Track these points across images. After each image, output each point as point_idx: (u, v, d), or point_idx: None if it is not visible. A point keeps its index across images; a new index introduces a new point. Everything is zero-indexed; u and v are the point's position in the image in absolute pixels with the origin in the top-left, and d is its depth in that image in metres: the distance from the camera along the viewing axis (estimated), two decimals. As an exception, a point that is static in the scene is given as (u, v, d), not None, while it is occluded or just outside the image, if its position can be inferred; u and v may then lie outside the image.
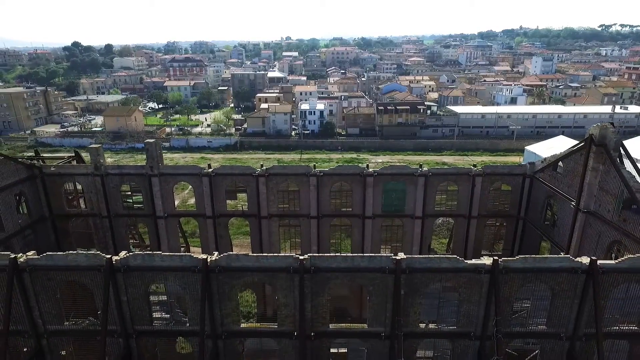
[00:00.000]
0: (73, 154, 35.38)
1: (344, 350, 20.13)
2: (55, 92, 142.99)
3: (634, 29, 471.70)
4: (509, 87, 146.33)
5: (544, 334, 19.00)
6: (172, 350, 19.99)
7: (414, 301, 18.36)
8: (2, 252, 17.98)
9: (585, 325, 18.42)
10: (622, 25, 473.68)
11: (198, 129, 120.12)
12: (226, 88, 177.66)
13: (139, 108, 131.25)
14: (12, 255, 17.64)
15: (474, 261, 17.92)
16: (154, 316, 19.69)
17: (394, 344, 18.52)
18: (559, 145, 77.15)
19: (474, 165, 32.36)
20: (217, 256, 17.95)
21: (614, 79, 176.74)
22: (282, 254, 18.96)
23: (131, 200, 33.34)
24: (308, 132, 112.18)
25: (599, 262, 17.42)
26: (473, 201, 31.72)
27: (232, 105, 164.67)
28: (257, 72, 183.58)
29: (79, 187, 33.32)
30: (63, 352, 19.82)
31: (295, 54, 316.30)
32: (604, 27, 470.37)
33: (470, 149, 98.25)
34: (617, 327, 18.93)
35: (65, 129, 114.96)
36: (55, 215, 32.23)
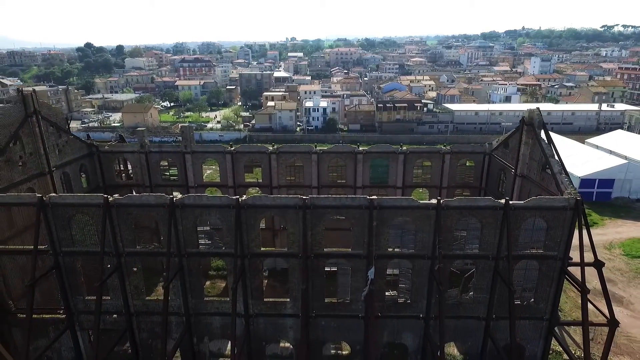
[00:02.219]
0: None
1: (335, 269, 27.88)
2: (75, 91, 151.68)
3: (637, 29, 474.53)
4: (504, 87, 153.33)
5: (476, 255, 26.59)
6: (209, 267, 27.82)
7: (383, 231, 26.02)
8: (98, 194, 25.91)
9: (505, 249, 25.93)
10: (624, 26, 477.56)
11: (209, 126, 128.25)
12: (234, 87, 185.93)
13: (153, 106, 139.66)
14: (105, 196, 25.53)
15: (424, 201, 25.59)
16: (200, 242, 27.53)
17: (370, 262, 26.21)
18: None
19: (444, 145, 39.93)
20: (245, 197, 25.76)
21: (609, 78, 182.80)
22: (291, 196, 26.58)
23: (168, 174, 41.26)
24: (312, 127, 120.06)
25: (510, 202, 25.00)
26: (443, 175, 39.34)
27: (239, 103, 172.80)
28: (264, 72, 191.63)
29: (126, 163, 41.28)
30: (135, 269, 27.70)
31: (300, 54, 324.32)
32: (606, 28, 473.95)
33: (463, 144, 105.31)
34: (529, 251, 26.48)
35: (86, 125, 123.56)
36: (107, 185, 40.15)
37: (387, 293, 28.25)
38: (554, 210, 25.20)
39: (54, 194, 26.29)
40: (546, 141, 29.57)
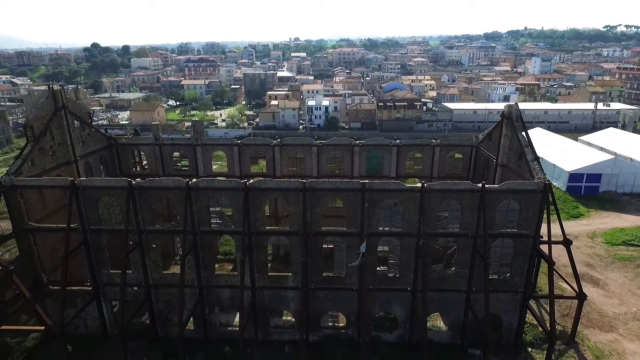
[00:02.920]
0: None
1: (331, 246, 31.26)
2: (84, 90, 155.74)
3: (639, 29, 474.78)
4: (503, 86, 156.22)
5: (457, 234, 29.87)
6: (217, 252, 31.22)
7: (374, 211, 29.34)
8: (122, 178, 29.38)
9: (484, 228, 29.17)
10: (627, 26, 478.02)
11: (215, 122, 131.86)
12: (238, 87, 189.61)
13: (160, 104, 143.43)
14: (129, 179, 29.00)
15: (409, 185, 28.90)
16: (212, 221, 30.94)
17: (362, 239, 29.53)
18: (535, 135, 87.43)
19: (435, 139, 43.17)
20: (253, 180, 29.18)
21: (607, 78, 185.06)
22: (292, 180, 29.96)
23: (180, 164, 44.74)
24: (314, 125, 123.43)
25: (486, 185, 28.27)
26: (433, 166, 42.57)
27: (244, 102, 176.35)
28: (267, 72, 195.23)
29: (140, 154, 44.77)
30: (154, 245, 31.16)
31: (304, 54, 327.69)
32: (608, 28, 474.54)
33: (455, 139, 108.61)
34: (504, 230, 29.74)
35: (96, 122, 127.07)
36: (124, 175, 43.56)
37: (378, 268, 31.61)
38: (525, 193, 28.46)
39: (83, 178, 29.81)
40: (523, 133, 32.78)
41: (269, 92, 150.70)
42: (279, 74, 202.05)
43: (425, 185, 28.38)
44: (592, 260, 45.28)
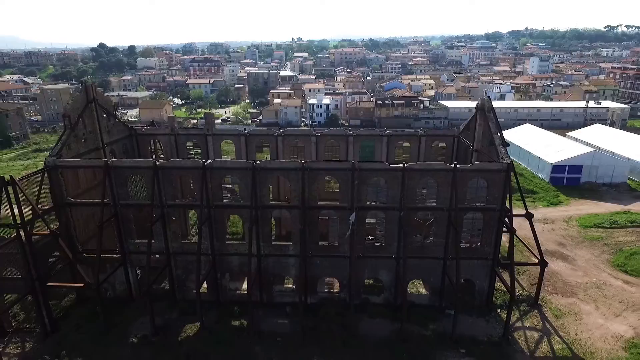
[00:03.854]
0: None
1: (326, 219, 36.24)
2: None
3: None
4: (499, 85, 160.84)
5: (434, 207, 34.78)
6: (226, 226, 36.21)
7: (363, 188, 34.29)
8: (148, 159, 34.44)
9: (455, 202, 34.05)
10: (627, 27, 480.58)
11: (219, 121, 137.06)
12: (242, 86, 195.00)
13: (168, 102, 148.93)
14: (154, 160, 34.07)
15: (392, 165, 33.85)
16: (224, 197, 36.02)
17: (352, 212, 34.48)
18: (524, 131, 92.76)
19: (420, 129, 48.08)
20: (259, 161, 34.20)
21: (603, 78, 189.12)
22: (293, 161, 34.93)
23: (192, 153, 49.80)
24: (315, 123, 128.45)
25: (457, 165, 33.17)
26: (420, 154, 47.41)
27: (247, 101, 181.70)
28: (271, 72, 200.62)
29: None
30: (174, 218, 36.22)
31: (306, 54, 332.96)
32: (609, 28, 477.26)
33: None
34: (474, 204, 34.63)
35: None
36: (143, 162, 48.68)
37: (366, 238, 36.56)
38: (491, 172, 33.38)
39: (115, 159, 34.90)
40: (494, 122, 37.65)
41: (272, 91, 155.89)
42: (282, 73, 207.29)
43: (405, 165, 33.32)
44: (564, 240, 50.07)
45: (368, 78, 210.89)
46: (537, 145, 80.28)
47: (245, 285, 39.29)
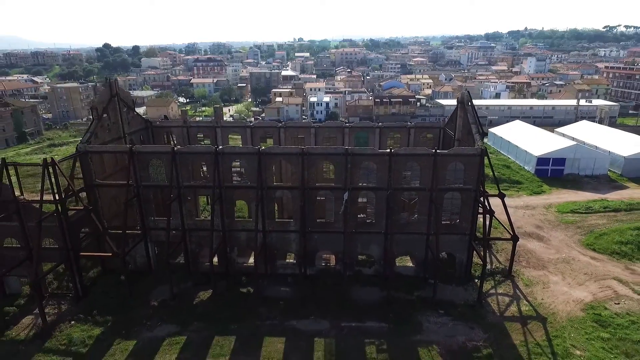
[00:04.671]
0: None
1: (323, 198, 41.08)
2: (102, 88, 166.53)
3: (639, 30, 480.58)
4: (495, 84, 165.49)
5: (418, 188, 39.56)
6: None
7: (356, 171, 39.07)
8: (165, 145, 39.29)
9: (436, 183, 38.78)
10: (626, 27, 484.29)
11: (227, 117, 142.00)
12: (245, 85, 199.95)
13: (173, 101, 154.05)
14: (172, 146, 38.93)
15: (381, 150, 38.64)
16: (233, 179, 40.87)
17: (346, 191, 39.29)
18: (514, 127, 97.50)
19: (409, 122, 52.84)
20: (264, 147, 39.03)
21: (597, 77, 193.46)
22: (294, 146, 39.71)
23: (203, 143, 54.67)
24: (316, 120, 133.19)
25: (437, 150, 37.95)
26: (409, 145, 52.14)
27: (250, 99, 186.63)
28: (272, 71, 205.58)
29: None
30: (189, 198, 41.09)
31: (307, 54, 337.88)
32: (608, 29, 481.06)
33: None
34: (453, 185, 39.39)
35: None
36: (157, 152, 53.52)
37: (358, 216, 41.37)
38: (467, 157, 38.13)
39: (138, 145, 39.77)
40: (472, 113, 42.40)
41: (274, 90, 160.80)
42: (284, 72, 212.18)
43: (392, 151, 38.14)
44: (541, 223, 54.78)
45: (368, 78, 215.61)
46: (525, 139, 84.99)
47: (251, 259, 44.14)
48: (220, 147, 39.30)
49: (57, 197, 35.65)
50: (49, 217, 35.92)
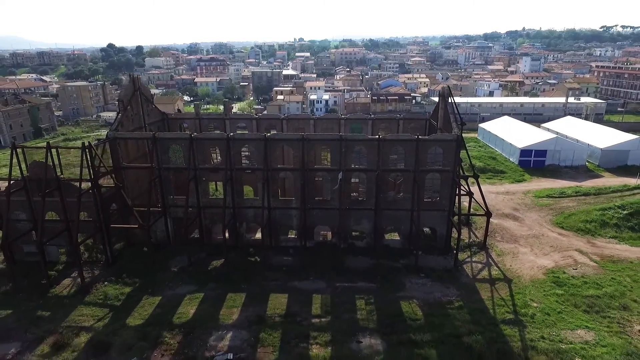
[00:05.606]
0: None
1: (320, 179, 47.08)
2: (110, 86, 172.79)
3: (636, 30, 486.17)
4: (488, 83, 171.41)
5: (403, 169, 45.53)
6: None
7: (349, 154, 45.03)
8: (184, 132, 45.31)
9: (418, 165, 44.70)
10: (623, 27, 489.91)
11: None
12: (247, 84, 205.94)
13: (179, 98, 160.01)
14: (189, 133, 44.93)
15: (370, 136, 44.59)
16: (242, 162, 46.90)
17: (340, 172, 45.25)
18: (502, 122, 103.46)
19: (399, 114, 58.79)
20: (269, 134, 45.03)
21: (588, 76, 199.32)
22: (295, 133, 45.64)
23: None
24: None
25: (419, 137, 43.91)
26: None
27: (252, 98, 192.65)
28: (274, 70, 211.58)
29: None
30: (204, 178, 47.09)
31: (307, 54, 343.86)
32: (605, 29, 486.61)
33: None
34: (433, 167, 45.34)
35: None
36: (172, 141, 59.50)
37: (352, 194, 47.31)
38: (445, 142, 44.08)
39: (160, 132, 45.78)
40: (453, 105, 48.33)
41: (275, 88, 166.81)
42: (284, 72, 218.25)
43: (380, 136, 44.11)
44: (518, 206, 60.73)
45: (367, 77, 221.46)
46: (510, 133, 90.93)
47: (258, 234, 50.13)
48: (232, 134, 45.28)
49: (92, 177, 41.64)
50: (85, 193, 41.90)
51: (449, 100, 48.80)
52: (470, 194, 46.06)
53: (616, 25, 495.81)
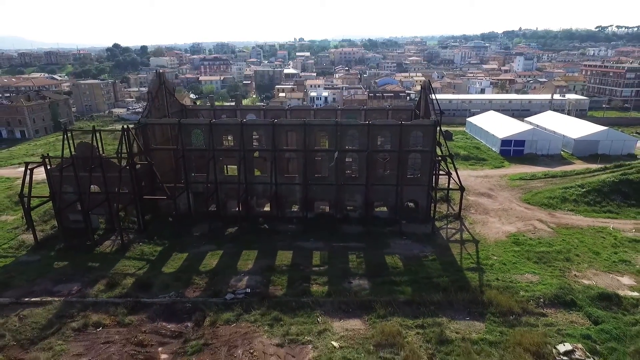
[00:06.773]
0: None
1: (319, 158, 55.51)
2: (119, 84, 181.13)
3: (630, 30, 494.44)
4: (480, 81, 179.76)
5: (390, 150, 53.91)
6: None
7: (344, 137, 53.43)
8: (205, 119, 53.73)
9: (402, 146, 53.01)
10: (618, 27, 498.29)
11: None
12: (249, 82, 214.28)
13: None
14: (209, 119, 53.30)
15: (361, 122, 52.99)
16: (253, 144, 55.33)
17: (337, 152, 53.61)
18: (487, 116, 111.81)
19: (388, 105, 67.17)
20: (276, 120, 53.44)
21: (576, 74, 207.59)
22: (299, 118, 54.00)
23: (225, 123, 68.98)
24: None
25: (402, 122, 52.29)
26: (388, 123, 66.40)
27: (254, 95, 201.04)
28: (275, 69, 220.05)
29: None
30: (221, 158, 55.45)
31: (307, 54, 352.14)
32: (600, 29, 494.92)
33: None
34: (415, 148, 53.72)
35: (133, 110, 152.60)
36: (190, 129, 67.85)
37: (346, 172, 55.74)
38: (425, 127, 52.45)
39: (183, 119, 54.23)
40: (432, 97, 56.67)
41: (277, 86, 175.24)
42: (285, 71, 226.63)
43: (370, 122, 52.50)
44: (493, 187, 69.15)
45: (365, 76, 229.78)
46: (494, 126, 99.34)
47: (266, 207, 58.49)
48: (245, 119, 53.66)
49: (129, 155, 50.02)
50: (123, 169, 50.29)
51: (430, 94, 57.15)
52: (449, 174, 54.40)
53: (611, 26, 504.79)
